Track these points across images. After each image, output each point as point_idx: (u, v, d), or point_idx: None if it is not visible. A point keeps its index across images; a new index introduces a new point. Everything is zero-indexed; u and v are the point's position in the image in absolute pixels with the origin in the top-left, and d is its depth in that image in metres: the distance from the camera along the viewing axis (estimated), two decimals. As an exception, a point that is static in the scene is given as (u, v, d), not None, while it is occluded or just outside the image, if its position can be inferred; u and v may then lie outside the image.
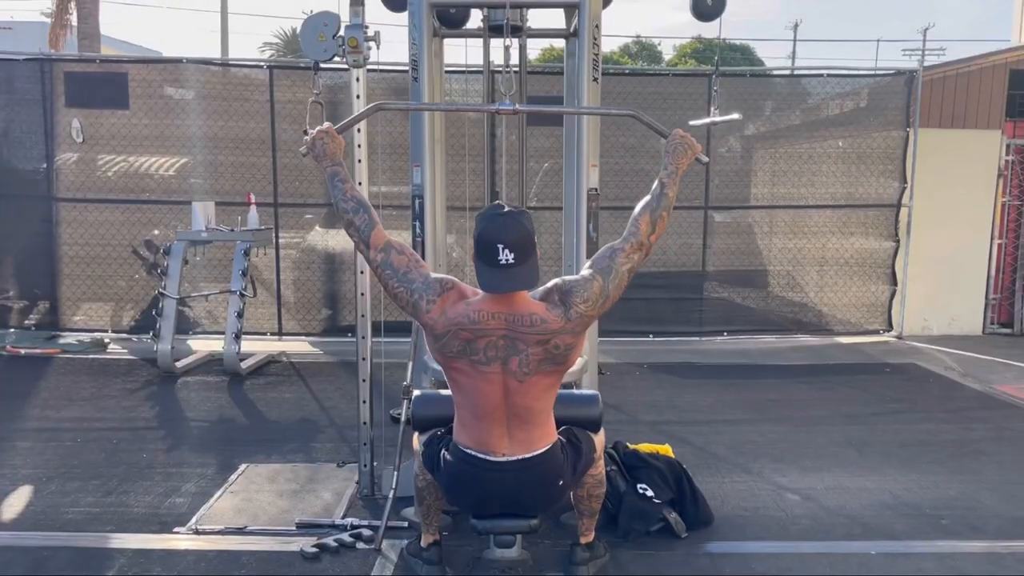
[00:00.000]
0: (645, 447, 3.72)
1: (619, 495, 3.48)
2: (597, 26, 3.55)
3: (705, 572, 3.22)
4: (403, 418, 3.60)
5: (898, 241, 7.76)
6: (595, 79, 3.52)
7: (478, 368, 2.53)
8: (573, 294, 2.55)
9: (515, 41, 4.20)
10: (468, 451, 2.66)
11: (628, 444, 3.73)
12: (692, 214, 7.57)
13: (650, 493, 3.48)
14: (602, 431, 3.01)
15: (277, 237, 7.38)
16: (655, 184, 2.71)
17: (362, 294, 3.82)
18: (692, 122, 4.25)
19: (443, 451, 2.76)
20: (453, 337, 2.51)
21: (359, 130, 3.74)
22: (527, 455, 2.63)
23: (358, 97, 3.70)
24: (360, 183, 3.75)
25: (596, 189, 3.61)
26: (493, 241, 2.46)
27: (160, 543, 3.41)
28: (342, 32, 3.61)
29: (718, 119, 4.11)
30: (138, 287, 7.46)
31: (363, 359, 3.88)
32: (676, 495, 3.54)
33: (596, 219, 3.59)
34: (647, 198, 2.69)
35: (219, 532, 3.51)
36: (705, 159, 2.76)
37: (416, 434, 3.01)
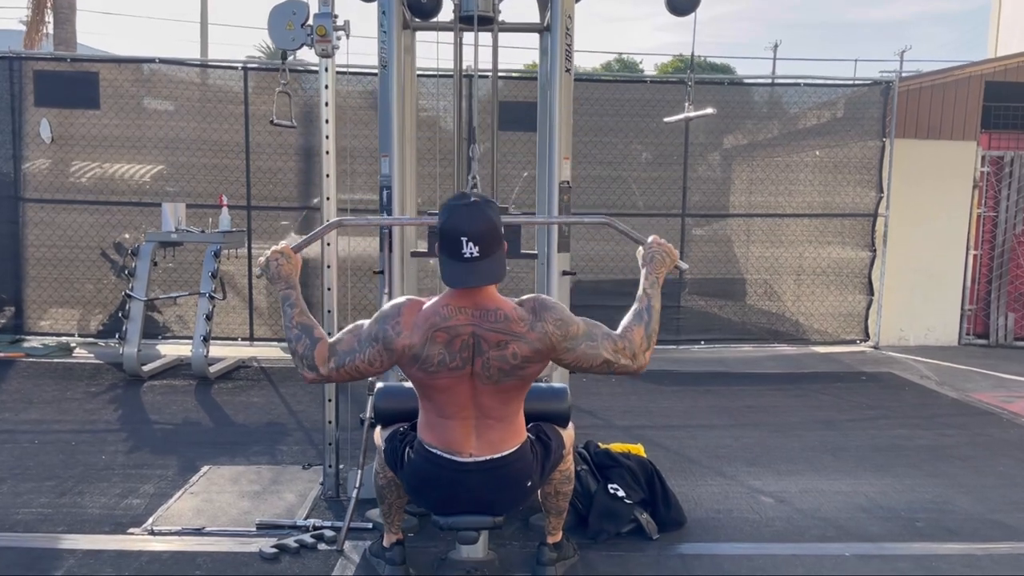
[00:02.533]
0: (617, 446, 3.64)
1: (589, 495, 3.40)
2: (570, 16, 3.50)
3: (676, 574, 3.14)
4: (367, 417, 3.49)
5: (875, 251, 7.76)
6: (567, 70, 3.47)
7: (453, 374, 2.40)
8: (549, 311, 2.42)
9: (487, 36, 4.14)
10: (434, 451, 2.55)
11: (599, 443, 3.65)
12: (669, 222, 7.53)
13: (621, 493, 3.40)
14: (571, 425, 2.93)
15: (250, 241, 7.26)
16: (639, 296, 2.55)
17: (329, 311, 3.72)
18: (668, 119, 4.20)
19: (407, 449, 2.66)
20: (432, 343, 2.36)
21: (327, 136, 3.66)
22: (495, 455, 2.52)
23: (327, 87, 3.63)
24: (328, 197, 3.66)
25: (568, 182, 3.55)
26: (456, 233, 2.33)
27: (113, 544, 3.28)
28: (311, 21, 3.53)
29: (692, 114, 4.06)
30: (107, 290, 7.30)
31: (329, 356, 3.77)
32: (648, 496, 3.46)
33: (568, 212, 3.52)
34: (636, 312, 2.52)
35: (175, 533, 3.39)
36: (684, 266, 2.64)
37: (378, 428, 2.91)
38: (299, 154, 7.28)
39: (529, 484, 2.65)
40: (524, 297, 2.48)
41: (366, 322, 2.44)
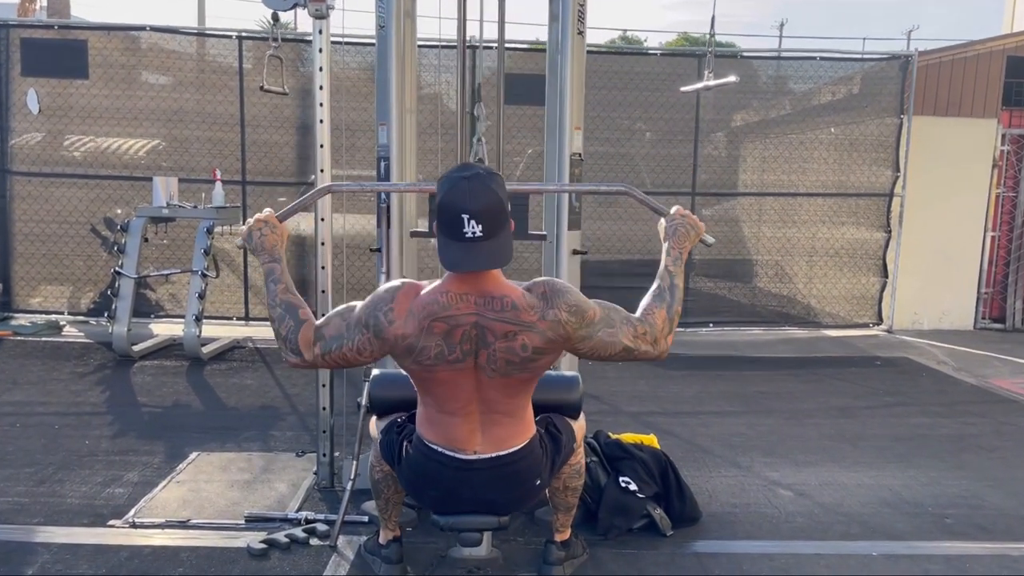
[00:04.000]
0: (628, 437, 3.43)
1: (599, 488, 3.19)
2: (583, -26, 3.25)
3: (692, 573, 2.93)
4: (364, 403, 3.28)
5: (890, 232, 7.52)
6: (580, 32, 3.22)
7: (453, 367, 2.16)
8: (562, 297, 2.16)
9: (492, 4, 3.89)
10: (434, 447, 2.32)
11: (610, 434, 3.44)
12: (679, 201, 7.25)
13: (633, 487, 3.19)
14: (582, 416, 2.71)
15: (245, 217, 7.02)
16: (661, 273, 2.31)
17: (323, 292, 3.50)
18: (685, 88, 3.95)
19: (405, 443, 2.44)
20: (428, 334, 2.11)
21: (320, 103, 3.41)
22: (502, 452, 2.30)
23: (320, 51, 3.38)
24: (322, 170, 3.42)
25: (580, 154, 3.31)
26: (457, 210, 2.06)
27: (91, 537, 3.08)
28: (304, -21, 3.29)
29: (712, 83, 3.81)
30: (97, 267, 7.07)
31: (323, 339, 3.55)
32: (661, 489, 3.25)
33: (579, 186, 3.29)
34: (657, 290, 2.29)
35: (158, 526, 3.19)
36: (711, 240, 2.39)
37: (374, 419, 2.70)
38: (297, 128, 7.03)
39: (538, 483, 2.43)
40: (533, 281, 2.23)
41: (359, 304, 2.21)
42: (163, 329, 6.77)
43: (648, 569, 2.95)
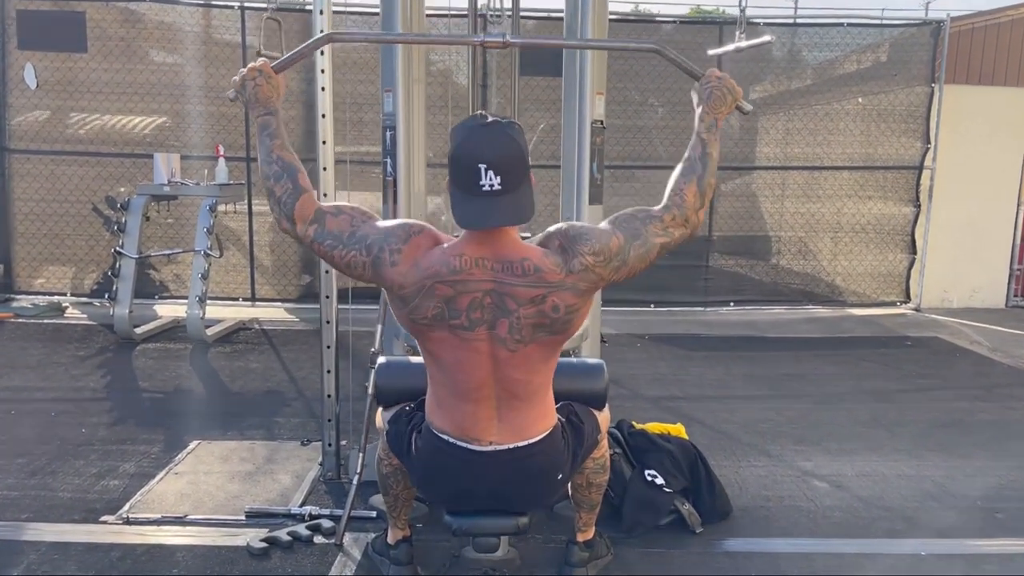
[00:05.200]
0: (654, 427, 3.20)
1: (624, 482, 2.97)
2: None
3: (725, 574, 2.72)
4: (370, 391, 3.07)
5: (919, 206, 7.22)
6: (603, -13, 2.96)
7: (460, 335, 1.95)
8: (580, 241, 1.95)
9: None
10: (446, 438, 2.10)
11: (634, 423, 3.21)
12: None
13: (660, 481, 2.97)
14: (607, 408, 2.49)
15: (250, 194, 6.80)
16: (692, 143, 2.08)
17: (326, 271, 3.28)
18: (712, 51, 3.68)
19: (414, 434, 2.22)
20: (428, 295, 1.91)
21: (322, 70, 3.17)
22: (520, 443, 2.08)
23: (321, 13, 3.13)
24: (324, 141, 3.19)
25: (602, 121, 3.06)
26: (473, 160, 1.86)
27: (82, 535, 2.89)
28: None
29: (744, 43, 3.53)
30: (100, 247, 6.86)
31: (327, 322, 3.35)
32: (690, 483, 3.03)
33: (601, 157, 3.04)
34: (686, 162, 2.07)
35: (154, 522, 2.99)
36: (748, 107, 2.14)
37: (380, 409, 2.48)
38: (304, 103, 6.77)
39: (559, 477, 2.22)
40: (546, 234, 2.02)
41: (374, 220, 2.01)
42: (168, 311, 6.58)
43: (678, 569, 2.74)
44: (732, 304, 7.22)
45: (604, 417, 2.46)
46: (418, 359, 2.29)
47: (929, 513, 3.16)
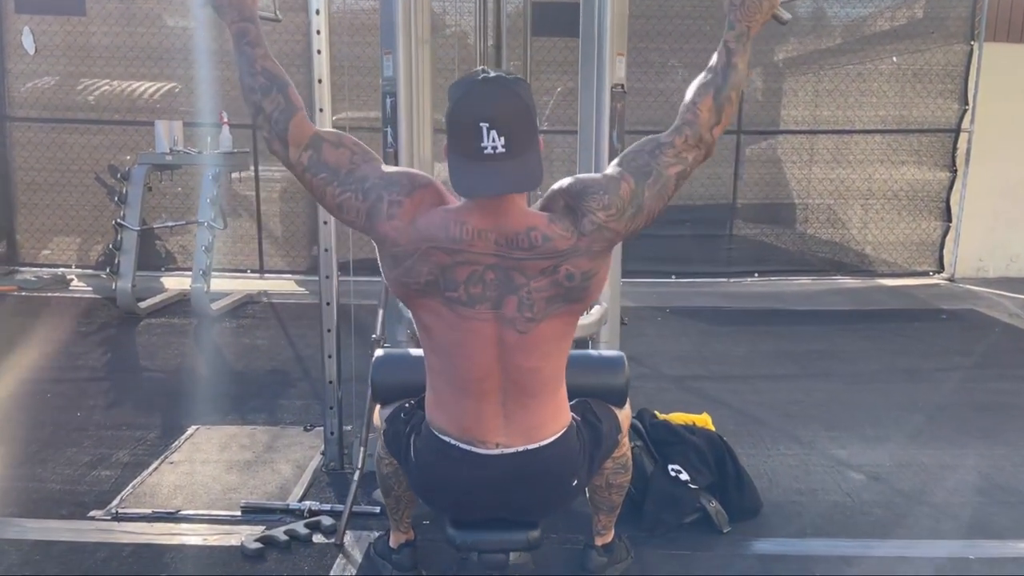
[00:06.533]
0: (678, 417, 2.98)
1: (645, 478, 2.75)
2: None
3: (755, 581, 2.51)
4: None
5: (955, 172, 6.88)
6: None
7: (457, 311, 1.73)
8: (587, 196, 1.73)
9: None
10: (447, 440, 1.89)
11: (656, 413, 2.98)
12: (722, 139, 6.66)
13: (684, 476, 2.75)
14: (628, 404, 2.26)
15: (256, 162, 6.58)
16: (717, 52, 1.83)
17: (324, 222, 3.06)
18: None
19: (412, 435, 2.01)
20: (422, 259, 1.70)
21: (318, 31, 2.92)
22: (531, 446, 1.86)
23: (316, -33, 2.87)
24: (321, 109, 2.95)
25: (623, 85, 2.79)
26: (473, 118, 1.62)
27: (67, 533, 2.72)
28: None
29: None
30: (105, 218, 6.66)
31: (328, 304, 3.13)
32: (717, 478, 2.80)
33: (622, 124, 2.78)
34: (706, 74, 1.84)
35: (144, 518, 2.81)
36: (787, 16, 1.87)
37: (378, 407, 2.27)
38: (307, 67, 6.50)
39: (575, 483, 2.00)
40: (549, 195, 1.79)
41: (376, 159, 1.80)
42: (174, 283, 6.40)
43: (703, 574, 2.52)
44: (756, 275, 6.94)
45: (625, 414, 2.23)
46: (419, 351, 2.06)
47: (976, 510, 2.92)
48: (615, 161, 1.82)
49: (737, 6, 1.83)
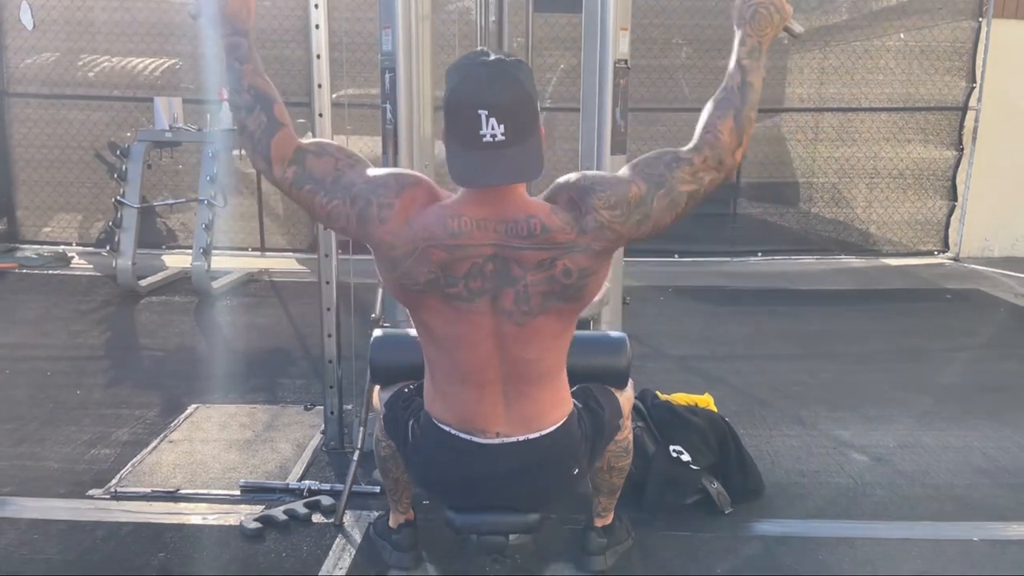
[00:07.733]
0: (680, 398, 2.95)
1: (647, 459, 2.73)
2: None
3: (758, 562, 2.49)
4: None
5: (961, 150, 6.81)
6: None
7: (457, 307, 1.70)
8: (593, 194, 1.68)
9: None
10: (446, 429, 1.87)
11: (658, 393, 2.96)
12: (728, 117, 6.61)
13: (686, 457, 2.73)
14: (630, 386, 2.24)
15: (257, 140, 6.52)
16: (730, 72, 1.77)
17: (328, 283, 3.04)
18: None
19: (411, 421, 1.99)
20: (421, 260, 1.66)
21: (316, 4, 2.87)
22: (531, 435, 1.84)
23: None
24: (320, 85, 2.91)
25: (626, 61, 2.74)
26: (472, 105, 1.58)
27: (66, 512, 2.71)
28: None
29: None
30: (106, 195, 6.60)
31: (327, 283, 3.11)
32: (719, 460, 2.79)
33: (625, 101, 2.73)
34: (722, 93, 1.77)
35: (143, 497, 2.80)
36: (799, 29, 1.82)
37: (377, 389, 2.25)
38: (306, 42, 6.43)
39: (576, 471, 1.98)
40: (554, 187, 1.75)
41: (361, 163, 1.76)
42: (175, 261, 6.36)
43: (704, 556, 2.51)
44: (760, 254, 6.90)
45: (627, 397, 2.21)
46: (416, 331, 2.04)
47: (980, 491, 2.90)
48: (627, 165, 1.77)
49: (747, 20, 1.77)
